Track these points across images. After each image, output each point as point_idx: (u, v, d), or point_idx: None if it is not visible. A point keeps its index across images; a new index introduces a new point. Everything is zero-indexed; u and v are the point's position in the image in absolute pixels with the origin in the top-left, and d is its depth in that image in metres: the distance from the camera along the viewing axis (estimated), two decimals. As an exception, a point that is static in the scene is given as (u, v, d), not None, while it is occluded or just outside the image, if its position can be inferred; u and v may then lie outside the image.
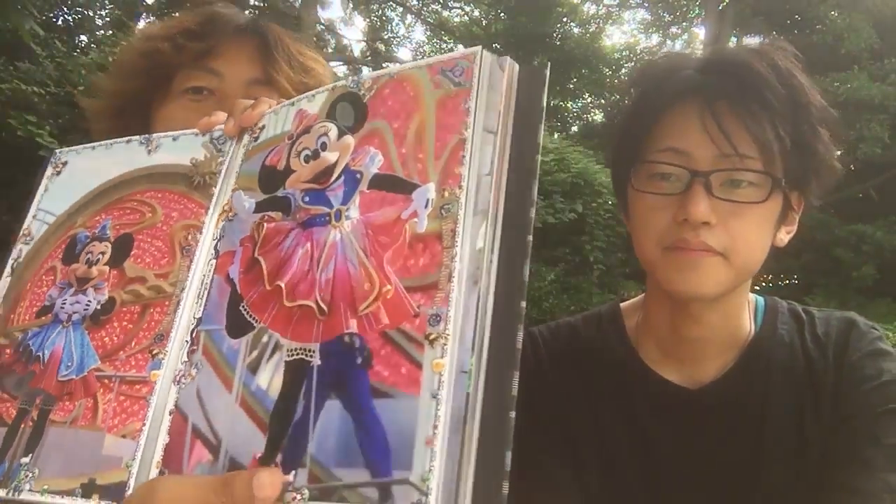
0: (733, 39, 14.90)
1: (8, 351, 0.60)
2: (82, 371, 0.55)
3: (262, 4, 17.60)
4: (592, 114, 19.27)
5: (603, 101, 18.15)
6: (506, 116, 0.45)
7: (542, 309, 7.47)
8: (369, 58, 21.06)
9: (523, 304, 0.43)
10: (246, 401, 0.47)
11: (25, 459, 0.53)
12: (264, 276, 0.50)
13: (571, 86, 18.01)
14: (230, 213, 0.56)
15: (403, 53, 22.35)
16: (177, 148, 0.63)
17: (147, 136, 0.66)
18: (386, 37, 21.73)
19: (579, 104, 19.11)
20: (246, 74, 0.91)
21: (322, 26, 19.15)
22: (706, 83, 0.79)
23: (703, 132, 0.77)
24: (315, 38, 16.53)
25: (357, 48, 21.68)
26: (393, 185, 0.47)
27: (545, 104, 0.45)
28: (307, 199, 0.51)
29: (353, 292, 0.46)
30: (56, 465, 0.52)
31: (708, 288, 0.79)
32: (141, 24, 13.30)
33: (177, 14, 0.94)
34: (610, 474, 0.89)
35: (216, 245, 0.55)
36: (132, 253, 0.59)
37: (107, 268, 0.60)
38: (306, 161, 0.52)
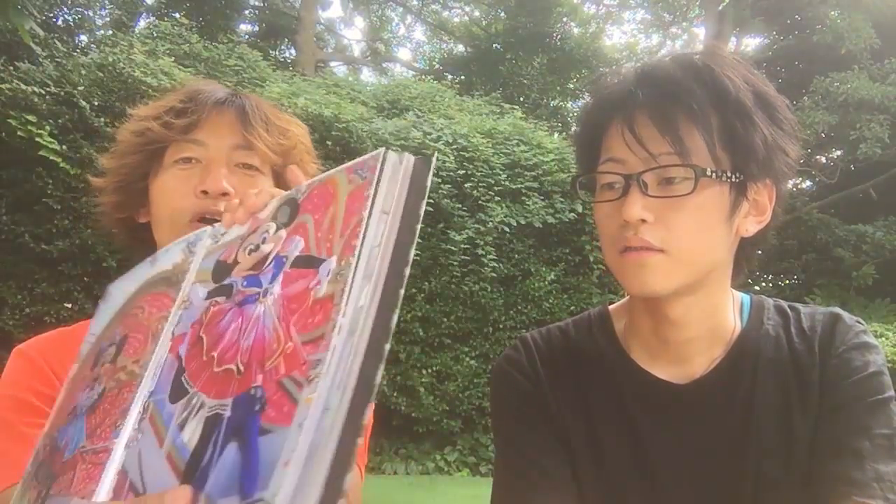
0: (733, 39, 14.92)
1: (47, 448, 0.71)
2: (74, 451, 0.65)
3: (261, 4, 17.61)
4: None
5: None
6: (398, 198, 0.55)
7: (543, 309, 7.47)
8: (369, 58, 21.08)
9: (387, 346, 0.50)
10: (170, 454, 0.55)
11: None
12: (204, 350, 0.59)
13: (571, 86, 18.03)
14: (187, 304, 0.66)
15: (403, 53, 22.38)
16: (166, 257, 0.75)
17: (153, 255, 0.78)
18: (386, 37, 21.75)
19: (579, 104, 19.13)
20: (228, 141, 1.03)
21: (322, 26, 19.16)
22: (629, 96, 0.85)
23: (624, 142, 0.83)
24: (315, 38, 16.54)
25: (357, 48, 21.70)
26: (307, 262, 0.57)
27: (429, 183, 0.56)
28: (245, 283, 0.61)
29: (264, 352, 0.54)
30: None
31: (657, 285, 0.82)
32: (141, 24, 13.34)
33: (163, 95, 1.10)
34: (604, 473, 0.91)
35: (172, 330, 0.65)
36: (124, 348, 0.71)
37: (110, 364, 0.71)
38: (250, 254, 0.63)
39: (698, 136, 0.81)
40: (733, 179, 0.83)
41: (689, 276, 0.84)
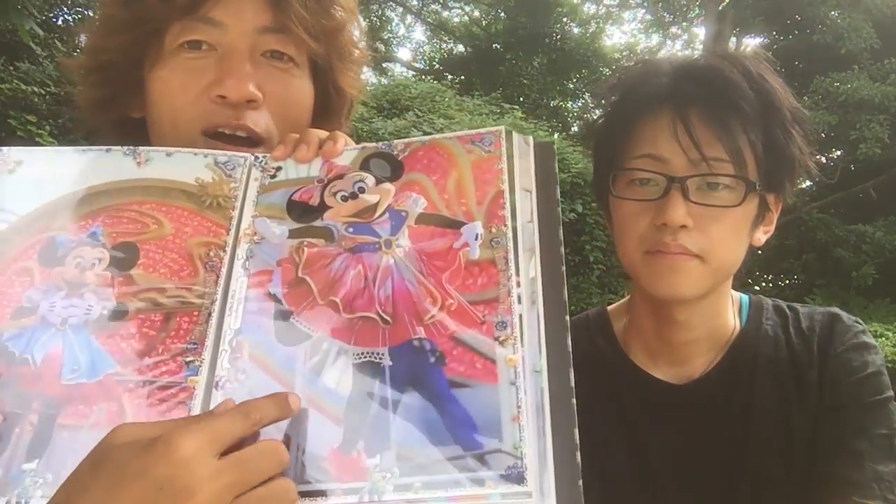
0: (733, 40, 14.91)
1: None
2: (96, 375, 0.54)
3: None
4: (592, 114, 19.19)
5: (603, 101, 18.10)
6: (536, 179, 0.60)
7: (542, 309, 7.47)
8: (369, 58, 21.03)
9: (567, 318, 0.56)
10: (314, 399, 0.53)
11: (30, 465, 0.51)
12: (315, 293, 0.58)
13: (571, 86, 18.02)
14: (255, 237, 0.62)
15: (403, 53, 22.37)
16: (174, 164, 0.65)
17: (133, 147, 0.67)
18: (386, 37, 21.73)
19: (579, 104, 19.11)
20: (252, 22, 0.77)
21: (322, 26, 19.10)
22: (679, 91, 0.82)
23: (675, 140, 0.79)
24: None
25: (357, 48, 21.64)
26: (440, 221, 0.59)
27: (556, 170, 0.62)
28: (351, 229, 0.61)
29: (415, 305, 0.56)
30: None
31: (687, 289, 0.82)
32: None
33: None
34: (602, 473, 0.91)
35: (244, 264, 0.61)
36: (139, 262, 0.60)
37: (108, 274, 0.59)
38: (343, 200, 0.62)
39: (748, 145, 0.79)
40: (765, 191, 0.82)
41: (715, 283, 0.84)
